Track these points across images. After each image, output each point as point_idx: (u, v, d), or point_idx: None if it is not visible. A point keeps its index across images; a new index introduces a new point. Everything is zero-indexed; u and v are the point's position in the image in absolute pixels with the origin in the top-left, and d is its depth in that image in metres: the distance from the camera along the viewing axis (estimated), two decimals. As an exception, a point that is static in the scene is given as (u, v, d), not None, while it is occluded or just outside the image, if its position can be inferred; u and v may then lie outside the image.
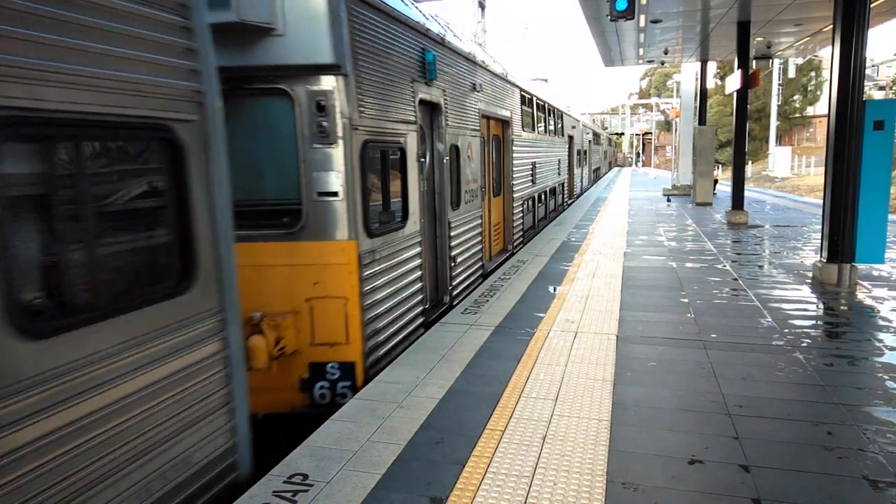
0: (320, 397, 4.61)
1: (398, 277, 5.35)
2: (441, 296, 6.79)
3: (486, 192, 8.91)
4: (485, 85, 8.50)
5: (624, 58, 18.57)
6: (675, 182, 25.92)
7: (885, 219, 7.33)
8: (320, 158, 4.41)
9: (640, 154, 73.11)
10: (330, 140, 4.38)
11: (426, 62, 5.99)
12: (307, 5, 4.19)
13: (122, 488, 2.52)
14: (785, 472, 3.11)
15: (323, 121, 4.35)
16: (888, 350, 5.02)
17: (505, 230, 10.28)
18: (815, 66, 52.67)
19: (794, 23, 13.38)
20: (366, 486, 3.00)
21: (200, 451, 2.95)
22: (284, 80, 4.32)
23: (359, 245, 4.57)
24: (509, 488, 2.96)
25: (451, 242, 6.89)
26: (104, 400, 2.43)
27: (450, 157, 6.84)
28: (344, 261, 4.51)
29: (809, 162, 40.79)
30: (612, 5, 8.39)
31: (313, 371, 4.59)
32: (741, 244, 10.83)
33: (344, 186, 4.44)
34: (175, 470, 2.79)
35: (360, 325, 4.61)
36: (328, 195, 4.44)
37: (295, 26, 4.22)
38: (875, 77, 61.49)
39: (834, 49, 7.33)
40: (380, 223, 5.01)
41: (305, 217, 4.45)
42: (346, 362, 4.57)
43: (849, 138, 7.19)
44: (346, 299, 4.54)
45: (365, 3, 4.68)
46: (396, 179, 5.41)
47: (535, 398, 4.05)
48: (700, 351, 5.01)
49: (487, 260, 8.89)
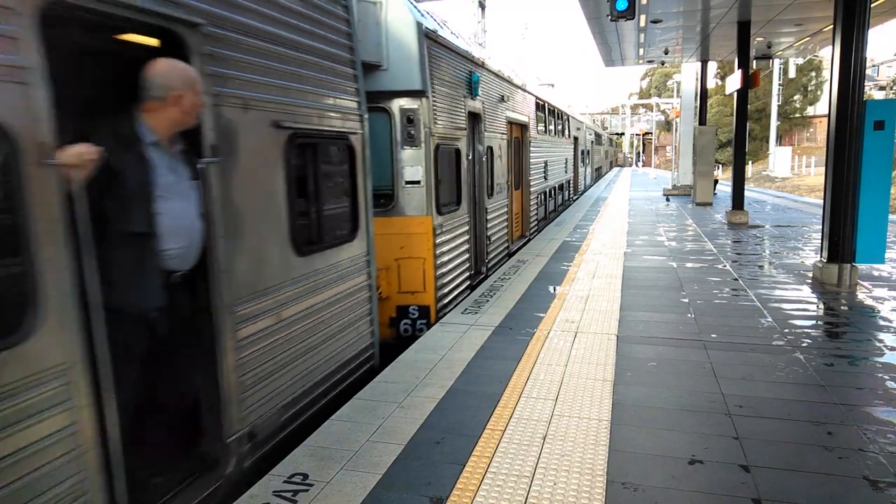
0: (404, 331, 6.28)
1: (455, 247, 7.01)
2: (479, 266, 8.35)
3: (510, 185, 10.32)
4: (510, 96, 10.03)
5: (624, 58, 18.57)
6: (676, 182, 25.91)
7: (886, 219, 7.32)
8: (408, 157, 6.07)
9: (641, 154, 73.15)
10: (415, 143, 6.04)
11: (472, 82, 7.63)
12: (403, 50, 5.88)
13: (333, 349, 4.27)
14: (785, 472, 3.11)
15: (411, 129, 6.02)
16: (888, 350, 5.02)
17: (523, 219, 11.82)
18: (816, 66, 52.66)
19: (794, 23, 13.38)
20: (366, 486, 3.00)
21: (360, 340, 4.70)
22: (385, 101, 5.96)
23: (433, 220, 6.22)
24: (509, 488, 2.96)
25: (487, 224, 8.58)
26: (326, 294, 4.17)
27: (486, 156, 8.46)
28: (423, 231, 6.17)
29: (810, 162, 40.80)
30: (613, 5, 8.40)
31: (399, 312, 6.28)
32: (741, 244, 10.83)
33: (424, 177, 6.09)
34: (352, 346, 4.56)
35: (433, 279, 6.27)
36: (413, 183, 6.09)
37: (396, 64, 5.90)
38: (875, 77, 61.48)
39: (834, 49, 7.33)
40: (445, 205, 6.67)
41: (396, 199, 6.12)
42: (422, 305, 6.26)
43: (849, 138, 7.19)
44: (423, 259, 6.19)
45: (437, 43, 6.35)
46: (454, 172, 7.06)
47: (536, 398, 4.05)
48: (700, 351, 5.01)
49: (511, 242, 10.47)
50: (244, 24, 3.33)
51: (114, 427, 2.40)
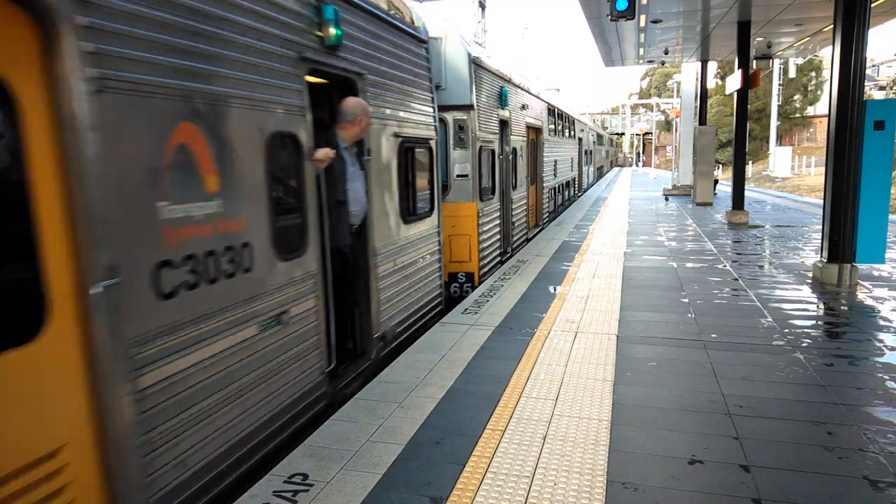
0: (453, 293, 8.00)
1: (491, 227, 8.84)
2: (506, 247, 9.97)
3: (528, 181, 12.05)
4: (528, 104, 11.71)
5: (624, 58, 18.56)
6: (676, 182, 25.90)
7: (886, 219, 7.32)
8: (459, 156, 7.85)
9: (641, 154, 73.12)
10: (464, 146, 7.82)
11: (502, 94, 9.30)
12: (457, 74, 7.67)
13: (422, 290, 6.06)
14: (785, 472, 3.11)
15: (461, 135, 7.81)
16: (888, 350, 5.02)
17: (537, 210, 13.64)
18: (816, 66, 52.66)
19: (794, 23, 13.37)
20: (366, 485, 3.00)
21: (436, 287, 6.51)
22: (443, 113, 7.50)
23: (477, 205, 8.03)
24: (509, 488, 2.96)
25: (512, 212, 10.32)
26: (419, 250, 5.92)
27: (511, 156, 10.14)
28: (469, 214, 7.96)
29: (810, 162, 40.80)
30: (613, 5, 8.40)
31: (450, 278, 7.98)
32: (741, 244, 10.83)
33: (471, 172, 7.88)
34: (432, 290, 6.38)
35: (477, 252, 8.06)
36: (462, 177, 7.89)
37: (451, 84, 7.66)
38: (875, 77, 61.48)
39: (834, 49, 7.32)
40: (485, 194, 8.49)
41: (450, 189, 7.85)
42: (469, 272, 8.06)
43: (849, 138, 7.18)
44: (469, 236, 7.99)
45: (480, 67, 8.12)
46: (490, 169, 8.85)
47: (536, 398, 4.05)
48: (700, 351, 5.02)
49: (528, 229, 12.19)
50: (384, 71, 5.13)
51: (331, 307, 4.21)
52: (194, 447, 2.81)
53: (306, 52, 3.82)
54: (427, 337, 5.47)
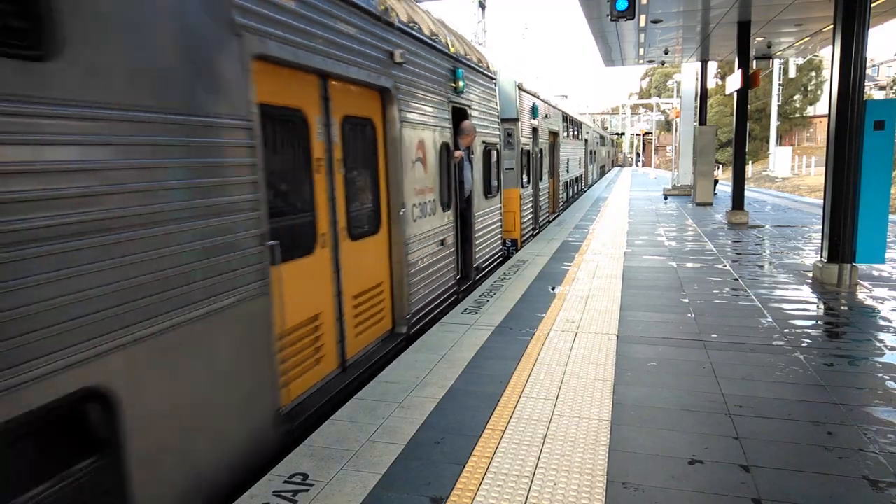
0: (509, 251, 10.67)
1: (528, 207, 11.97)
2: (535, 224, 12.93)
3: (549, 175, 14.99)
4: (549, 113, 14.63)
5: (624, 58, 18.55)
6: (676, 182, 25.90)
7: (886, 219, 7.32)
8: (507, 155, 10.54)
9: (641, 154, 73.09)
10: (512, 147, 10.64)
11: (534, 108, 12.17)
12: (508, 96, 10.47)
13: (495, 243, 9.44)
14: (785, 472, 3.11)
15: (510, 139, 10.62)
16: (888, 350, 5.02)
17: (554, 199, 16.50)
18: (816, 66, 52.65)
19: (794, 23, 13.37)
20: (366, 485, 3.00)
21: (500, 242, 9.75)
22: None
23: (520, 191, 10.94)
24: (509, 488, 2.96)
25: (539, 198, 13.33)
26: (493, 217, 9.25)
27: (539, 155, 13.07)
28: (515, 196, 10.80)
29: (810, 162, 40.80)
30: (613, 5, 8.40)
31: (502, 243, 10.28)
32: (741, 244, 10.83)
33: (516, 166, 10.70)
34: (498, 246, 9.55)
35: (520, 224, 11.07)
36: (510, 170, 10.59)
37: (503, 104, 10.21)
38: (875, 77, 61.46)
39: (834, 49, 7.32)
40: (524, 183, 11.34)
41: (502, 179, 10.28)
42: (514, 239, 10.95)
43: (849, 138, 7.18)
44: (515, 213, 10.84)
45: (522, 90, 11.00)
46: (527, 164, 11.70)
47: (536, 398, 4.05)
48: (700, 351, 5.02)
49: (549, 213, 15.12)
50: (479, 101, 8.14)
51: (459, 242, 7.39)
52: (420, 294, 6.00)
53: (451, 96, 6.97)
54: (427, 337, 5.47)
